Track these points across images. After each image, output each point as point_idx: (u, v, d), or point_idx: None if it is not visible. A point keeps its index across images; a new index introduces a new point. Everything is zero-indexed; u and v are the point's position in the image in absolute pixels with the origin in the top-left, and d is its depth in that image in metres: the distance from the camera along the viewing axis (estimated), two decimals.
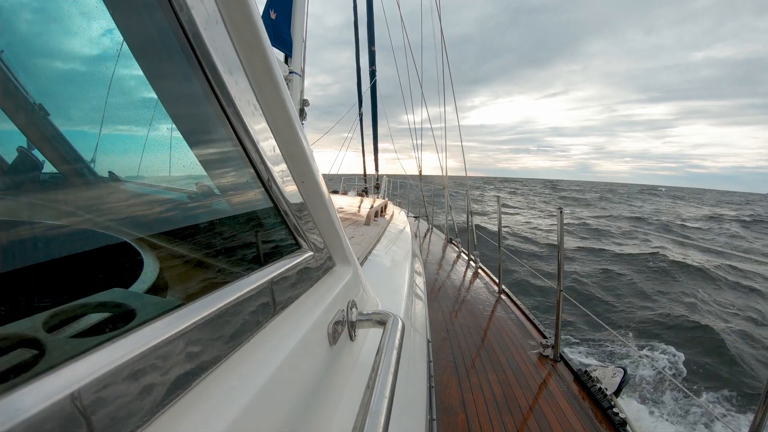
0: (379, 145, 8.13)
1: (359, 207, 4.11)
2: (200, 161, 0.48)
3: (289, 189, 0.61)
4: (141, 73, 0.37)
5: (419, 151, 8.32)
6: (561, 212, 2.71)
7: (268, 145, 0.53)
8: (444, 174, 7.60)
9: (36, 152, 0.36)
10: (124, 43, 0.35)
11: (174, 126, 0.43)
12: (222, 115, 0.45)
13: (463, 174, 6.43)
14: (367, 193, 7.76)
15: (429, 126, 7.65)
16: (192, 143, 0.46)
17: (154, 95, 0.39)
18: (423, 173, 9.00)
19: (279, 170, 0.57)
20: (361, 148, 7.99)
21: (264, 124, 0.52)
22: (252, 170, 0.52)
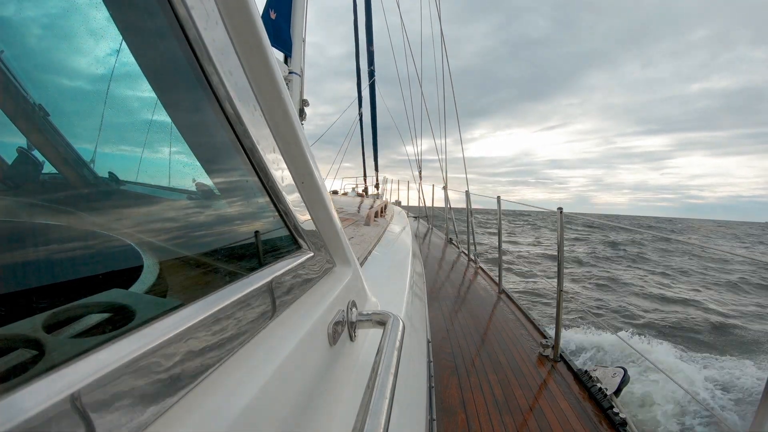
0: (381, 175, 8.19)
1: (359, 207, 4.11)
2: (200, 161, 0.48)
3: (289, 190, 0.61)
4: (140, 72, 0.37)
5: (419, 143, 8.33)
6: (561, 212, 2.71)
7: (268, 145, 0.53)
8: (444, 174, 7.60)
9: (36, 152, 0.36)
10: (123, 42, 0.35)
11: (174, 126, 0.43)
12: (221, 116, 0.45)
13: (463, 206, 6.44)
14: (367, 193, 7.76)
15: (434, 152, 7.72)
16: (192, 143, 0.46)
17: (153, 95, 0.39)
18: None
19: (279, 171, 0.57)
20: (360, 150, 8.01)
21: (264, 125, 0.52)
22: (252, 171, 0.52)
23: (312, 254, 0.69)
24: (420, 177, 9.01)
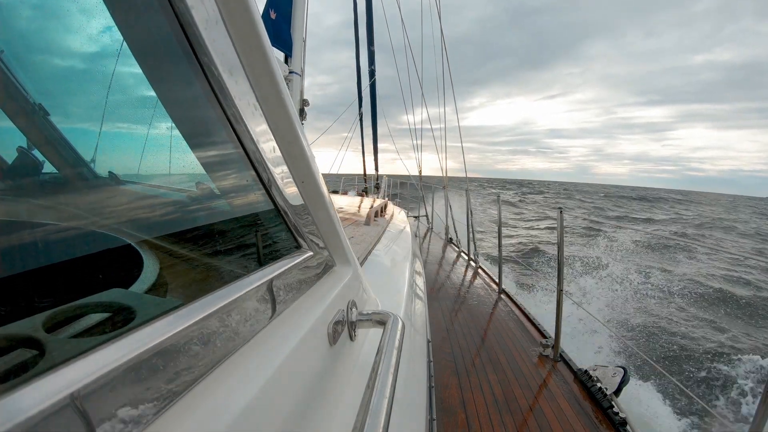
0: (380, 145, 8.10)
1: (359, 207, 4.11)
2: (200, 161, 0.48)
3: (289, 189, 0.61)
4: (141, 72, 0.37)
5: (419, 152, 8.29)
6: (561, 212, 2.71)
7: (268, 145, 0.53)
8: (444, 174, 7.59)
9: (36, 152, 0.36)
10: (124, 42, 0.35)
11: (174, 126, 0.43)
12: (222, 116, 0.45)
13: (462, 174, 6.38)
14: (367, 193, 7.76)
15: (429, 126, 7.63)
16: (192, 143, 0.46)
17: (154, 95, 0.39)
18: (423, 174, 8.92)
19: (279, 170, 0.57)
20: (360, 148, 7.98)
21: (264, 125, 0.52)
22: (252, 170, 0.52)
23: (312, 254, 0.69)
24: (420, 176, 8.95)
